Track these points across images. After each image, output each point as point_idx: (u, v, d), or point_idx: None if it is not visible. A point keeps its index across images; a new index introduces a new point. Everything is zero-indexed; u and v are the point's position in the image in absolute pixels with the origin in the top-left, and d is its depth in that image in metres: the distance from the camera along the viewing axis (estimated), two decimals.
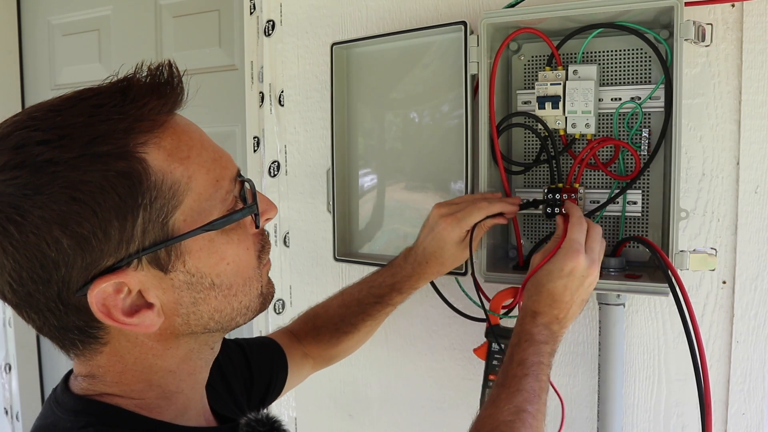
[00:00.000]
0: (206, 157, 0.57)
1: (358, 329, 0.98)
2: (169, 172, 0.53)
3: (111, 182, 0.50)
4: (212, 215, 0.56)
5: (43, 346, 2.19)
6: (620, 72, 0.94)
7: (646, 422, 1.02)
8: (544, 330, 0.78)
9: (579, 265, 0.78)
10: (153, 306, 0.55)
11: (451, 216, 0.90)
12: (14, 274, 0.51)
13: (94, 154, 0.50)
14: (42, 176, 0.49)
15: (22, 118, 0.52)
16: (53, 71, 2.02)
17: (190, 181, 0.54)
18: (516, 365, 0.75)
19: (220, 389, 0.77)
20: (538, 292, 0.80)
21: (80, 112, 0.52)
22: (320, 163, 1.28)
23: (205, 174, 0.56)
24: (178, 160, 0.54)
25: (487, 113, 0.95)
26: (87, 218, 0.50)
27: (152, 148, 0.53)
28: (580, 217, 0.84)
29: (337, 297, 1.01)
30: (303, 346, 0.99)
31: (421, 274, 0.94)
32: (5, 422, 2.12)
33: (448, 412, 1.20)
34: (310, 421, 1.36)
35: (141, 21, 1.79)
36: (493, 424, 0.69)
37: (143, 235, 0.52)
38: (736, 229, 0.94)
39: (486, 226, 0.92)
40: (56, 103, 0.54)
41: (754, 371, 0.95)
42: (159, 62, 0.56)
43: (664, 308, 1.00)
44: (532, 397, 0.72)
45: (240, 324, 0.63)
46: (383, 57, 1.10)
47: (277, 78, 1.32)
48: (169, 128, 0.55)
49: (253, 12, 1.34)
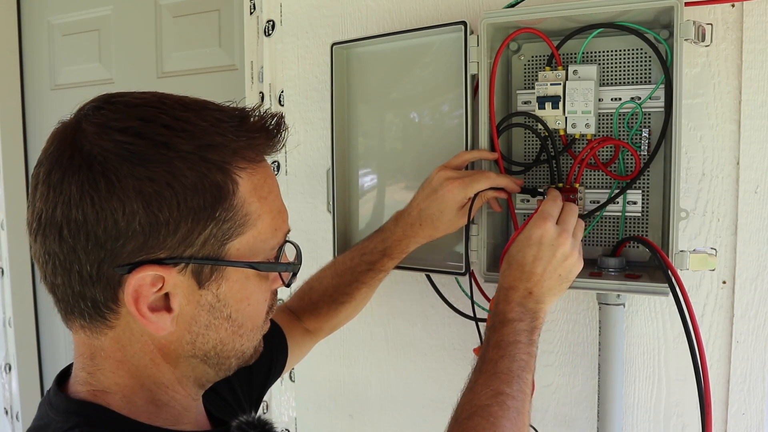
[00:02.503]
0: (275, 206, 0.61)
1: (354, 297, 0.99)
2: (249, 202, 0.57)
3: (204, 186, 0.54)
4: (259, 257, 0.59)
5: (43, 346, 2.19)
6: (620, 72, 0.94)
7: (646, 422, 1.02)
8: (517, 307, 0.77)
9: (547, 232, 0.77)
10: (172, 311, 0.56)
11: (458, 180, 0.90)
12: (76, 225, 0.52)
13: (203, 156, 0.54)
14: (154, 154, 0.52)
15: (153, 99, 0.56)
16: (53, 71, 2.02)
17: (258, 218, 0.58)
18: (492, 348, 0.74)
19: (218, 387, 0.77)
20: (509, 264, 0.80)
21: (205, 117, 0.56)
22: (320, 163, 1.28)
23: (270, 219, 0.59)
24: (259, 197, 0.58)
25: (487, 113, 0.95)
26: (169, 207, 0.52)
27: (246, 177, 0.57)
28: (556, 195, 0.85)
29: (330, 267, 1.01)
30: (302, 323, 1.00)
31: (412, 237, 0.94)
32: (5, 422, 2.12)
33: (448, 412, 1.19)
34: (310, 421, 1.36)
35: (141, 21, 1.79)
36: (470, 409, 0.69)
37: (202, 245, 0.55)
38: (736, 229, 0.94)
39: (486, 197, 0.93)
40: (185, 100, 0.58)
41: (754, 371, 0.95)
42: (273, 111, 0.60)
43: (664, 308, 1.00)
44: (509, 377, 0.71)
45: (232, 367, 0.63)
46: (383, 57, 1.10)
47: (277, 78, 1.32)
48: (262, 168, 0.59)
49: (253, 12, 1.34)
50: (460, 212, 0.92)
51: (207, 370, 0.62)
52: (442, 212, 0.91)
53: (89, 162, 0.52)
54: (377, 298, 1.24)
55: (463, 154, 0.96)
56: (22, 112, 2.11)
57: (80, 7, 1.92)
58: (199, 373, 0.62)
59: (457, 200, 0.90)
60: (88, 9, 1.91)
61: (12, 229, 2.07)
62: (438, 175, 0.92)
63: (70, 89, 1.98)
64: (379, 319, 1.26)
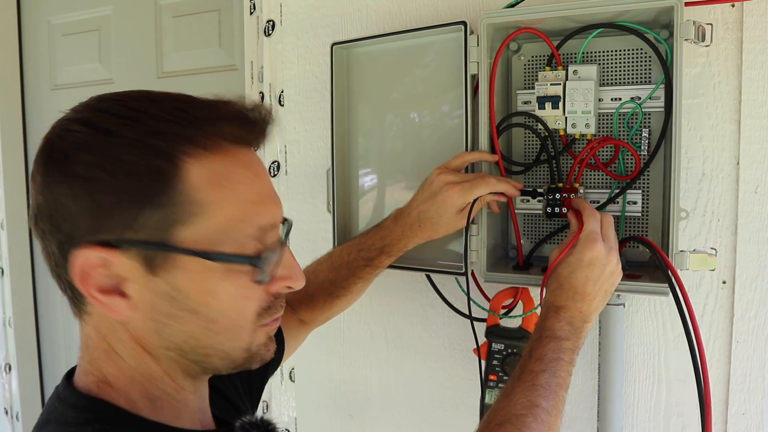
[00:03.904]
0: (245, 197, 0.58)
1: (350, 291, 1.00)
2: (200, 190, 0.55)
3: (144, 172, 0.54)
4: (219, 248, 0.56)
5: (43, 346, 2.19)
6: (620, 72, 0.94)
7: (646, 422, 1.02)
8: (566, 326, 0.77)
9: (598, 253, 0.78)
10: (126, 296, 0.57)
11: (458, 185, 0.91)
12: (40, 210, 0.56)
13: (148, 143, 0.54)
14: (97, 141, 0.55)
15: (131, 93, 0.59)
16: (53, 71, 2.02)
17: (214, 208, 0.56)
18: (534, 361, 0.74)
19: (220, 383, 0.77)
20: (560, 285, 0.80)
21: (164, 108, 0.56)
22: (320, 163, 1.28)
23: (233, 210, 0.57)
24: (215, 186, 0.56)
25: (487, 113, 0.95)
26: (110, 192, 0.54)
27: (198, 164, 0.55)
28: (592, 209, 0.84)
29: (326, 260, 1.02)
30: (298, 314, 1.01)
31: (411, 237, 0.95)
32: (5, 422, 2.12)
33: (448, 412, 1.20)
34: (310, 421, 1.36)
35: (141, 21, 1.79)
36: (504, 416, 0.69)
37: (144, 229, 0.55)
38: (736, 229, 0.94)
39: (486, 200, 0.94)
40: (157, 94, 0.59)
41: (754, 371, 0.95)
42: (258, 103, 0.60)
43: (664, 308, 1.00)
44: (548, 393, 0.71)
45: (218, 368, 0.62)
46: (383, 57, 1.10)
47: (277, 78, 1.32)
48: (229, 157, 0.58)
49: (253, 12, 1.34)
50: (460, 215, 0.92)
51: (190, 366, 0.61)
52: (441, 216, 0.92)
53: (50, 152, 0.56)
54: (377, 298, 1.24)
55: (463, 155, 0.96)
56: (22, 112, 2.11)
57: (80, 7, 1.92)
58: (184, 367, 0.61)
59: (456, 205, 0.91)
60: (88, 9, 1.91)
61: (12, 229, 2.07)
62: (438, 179, 0.93)
63: (70, 89, 1.98)
64: (379, 319, 1.26)
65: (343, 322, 1.30)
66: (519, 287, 0.99)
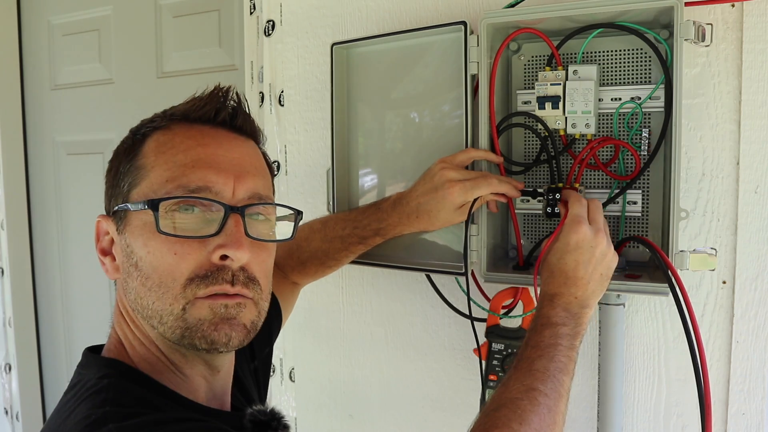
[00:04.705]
0: (178, 161, 0.65)
1: (340, 263, 1.05)
2: (146, 156, 0.67)
3: (123, 150, 0.70)
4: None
5: (43, 346, 2.19)
6: (620, 72, 0.94)
7: (646, 422, 1.02)
8: (561, 312, 0.77)
9: (584, 235, 0.78)
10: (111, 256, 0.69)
11: (460, 183, 0.91)
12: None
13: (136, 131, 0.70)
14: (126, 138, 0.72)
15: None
16: (53, 71, 2.02)
17: (151, 170, 0.66)
18: (530, 348, 0.74)
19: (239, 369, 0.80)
20: (551, 273, 0.80)
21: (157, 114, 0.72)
22: (320, 163, 1.28)
23: (164, 171, 0.65)
24: (157, 152, 0.67)
25: (487, 113, 0.95)
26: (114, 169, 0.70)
27: (151, 139, 0.68)
28: (578, 196, 0.85)
29: (320, 230, 1.04)
30: (289, 278, 1.06)
31: (407, 225, 0.96)
32: (5, 422, 2.12)
33: (448, 412, 1.20)
34: (310, 421, 1.36)
35: (141, 21, 1.79)
36: (499, 401, 0.69)
37: (120, 196, 0.67)
38: (736, 229, 0.94)
39: (486, 200, 0.94)
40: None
41: (754, 371, 0.95)
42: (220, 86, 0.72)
43: (664, 308, 1.00)
44: (545, 376, 0.71)
45: (168, 336, 0.64)
46: (383, 57, 1.10)
47: (277, 78, 1.32)
48: (179, 132, 0.68)
49: (253, 12, 1.34)
50: (458, 211, 0.93)
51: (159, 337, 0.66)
52: (440, 210, 0.92)
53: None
54: (377, 298, 1.24)
55: (469, 151, 0.96)
56: (22, 112, 2.11)
57: (80, 7, 1.92)
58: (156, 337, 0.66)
59: (456, 203, 0.91)
60: (88, 9, 1.91)
61: (12, 229, 2.07)
62: (440, 174, 0.93)
63: (70, 89, 1.98)
64: (379, 319, 1.26)
65: (343, 322, 1.30)
66: (519, 287, 0.99)
